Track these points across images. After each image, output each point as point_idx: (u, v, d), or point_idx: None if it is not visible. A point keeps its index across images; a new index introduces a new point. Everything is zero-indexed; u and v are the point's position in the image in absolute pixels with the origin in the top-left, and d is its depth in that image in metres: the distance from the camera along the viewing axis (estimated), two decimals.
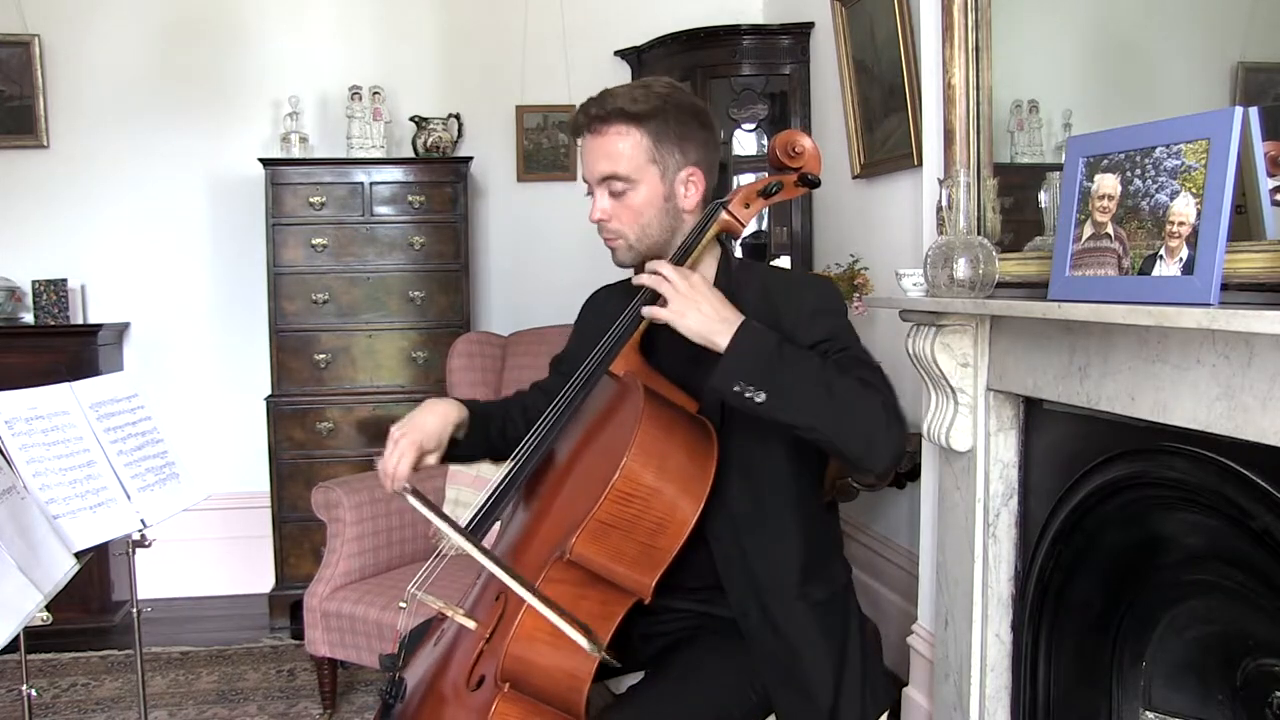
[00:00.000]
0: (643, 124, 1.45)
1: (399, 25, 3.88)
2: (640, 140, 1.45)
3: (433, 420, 1.52)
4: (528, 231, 3.96)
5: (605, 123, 1.45)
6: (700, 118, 1.50)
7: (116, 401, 2.00)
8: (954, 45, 2.05)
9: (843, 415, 1.30)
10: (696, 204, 1.51)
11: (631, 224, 1.48)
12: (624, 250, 1.51)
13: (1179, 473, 1.49)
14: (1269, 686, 1.43)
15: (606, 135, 1.46)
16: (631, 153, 1.45)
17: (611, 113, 1.45)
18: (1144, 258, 1.41)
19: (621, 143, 1.45)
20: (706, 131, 1.51)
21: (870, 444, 1.31)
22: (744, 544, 1.44)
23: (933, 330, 1.99)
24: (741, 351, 1.30)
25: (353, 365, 3.52)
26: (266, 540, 3.55)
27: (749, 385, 1.28)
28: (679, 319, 1.34)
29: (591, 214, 1.50)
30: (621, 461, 1.28)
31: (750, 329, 1.32)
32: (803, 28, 3.58)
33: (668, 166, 1.47)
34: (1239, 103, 1.42)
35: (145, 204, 3.77)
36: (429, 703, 1.41)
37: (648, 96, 1.46)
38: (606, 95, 1.47)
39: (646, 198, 1.47)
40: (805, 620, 1.44)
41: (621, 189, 1.46)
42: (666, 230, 1.50)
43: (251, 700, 2.89)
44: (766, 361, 1.29)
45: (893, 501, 3.04)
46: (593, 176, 1.49)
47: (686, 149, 1.48)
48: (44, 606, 1.57)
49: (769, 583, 1.44)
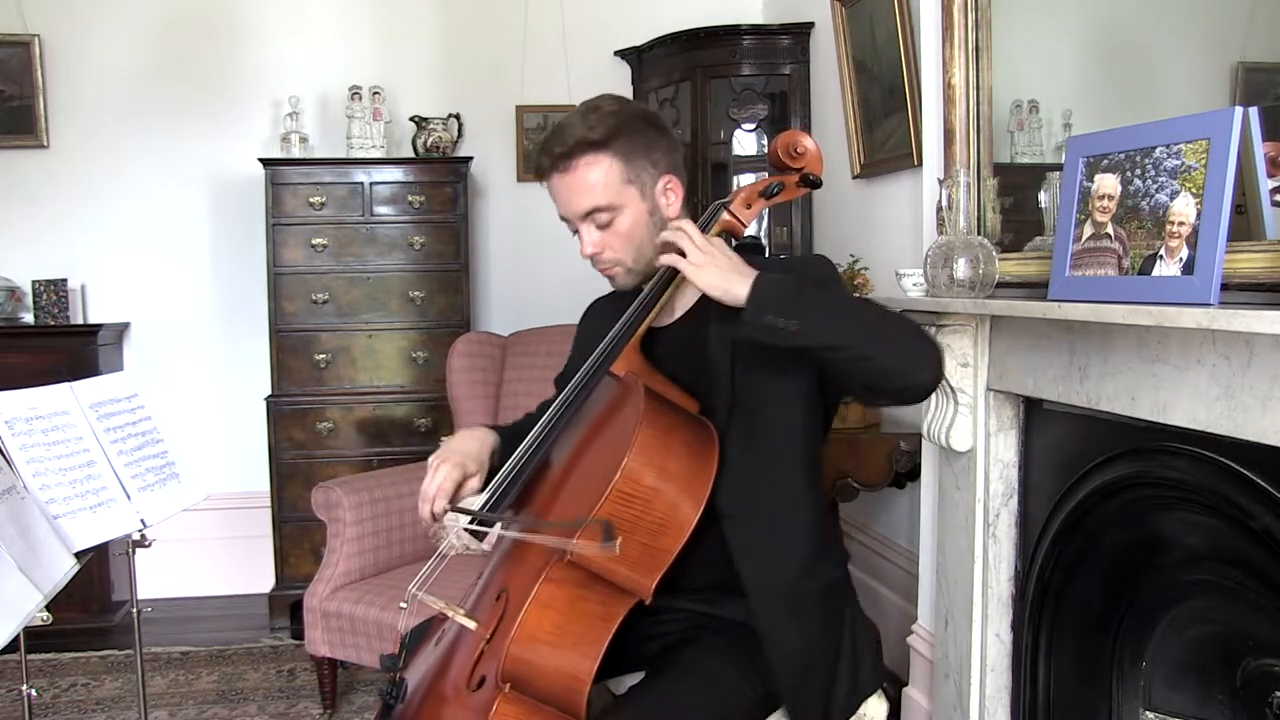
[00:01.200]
0: (609, 148, 1.42)
1: (399, 25, 3.88)
2: (612, 165, 1.43)
3: (473, 444, 1.53)
4: (528, 231, 3.96)
5: (570, 158, 1.42)
6: (656, 123, 1.50)
7: (116, 401, 2.00)
8: (954, 45, 2.05)
9: (879, 331, 1.32)
10: (680, 209, 1.51)
11: (625, 249, 1.47)
12: (624, 275, 1.50)
13: (1179, 473, 1.49)
14: (1269, 686, 1.43)
15: (576, 170, 1.43)
16: (607, 180, 1.43)
17: (575, 146, 1.42)
18: (1144, 258, 1.41)
19: (594, 173, 1.43)
20: (666, 135, 1.50)
21: (909, 357, 1.32)
22: (752, 541, 1.44)
23: (933, 330, 2.00)
24: (766, 290, 1.30)
25: (353, 365, 3.52)
26: (266, 540, 3.55)
27: (779, 315, 1.27)
28: (697, 271, 1.34)
29: (583, 250, 1.48)
30: (622, 462, 1.28)
31: (769, 276, 1.32)
32: (803, 28, 3.58)
33: (645, 183, 1.46)
34: (1239, 103, 1.42)
35: (145, 204, 3.77)
36: (429, 703, 1.41)
37: (601, 119, 1.43)
38: (563, 130, 1.44)
39: (633, 220, 1.46)
40: (811, 610, 1.45)
41: (607, 219, 1.45)
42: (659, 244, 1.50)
43: (251, 700, 2.89)
44: (794, 294, 1.30)
45: (893, 501, 3.04)
46: (574, 214, 1.46)
47: (656, 159, 1.47)
48: (44, 606, 1.57)
49: (780, 577, 1.44)
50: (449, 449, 1.51)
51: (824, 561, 1.51)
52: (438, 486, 1.45)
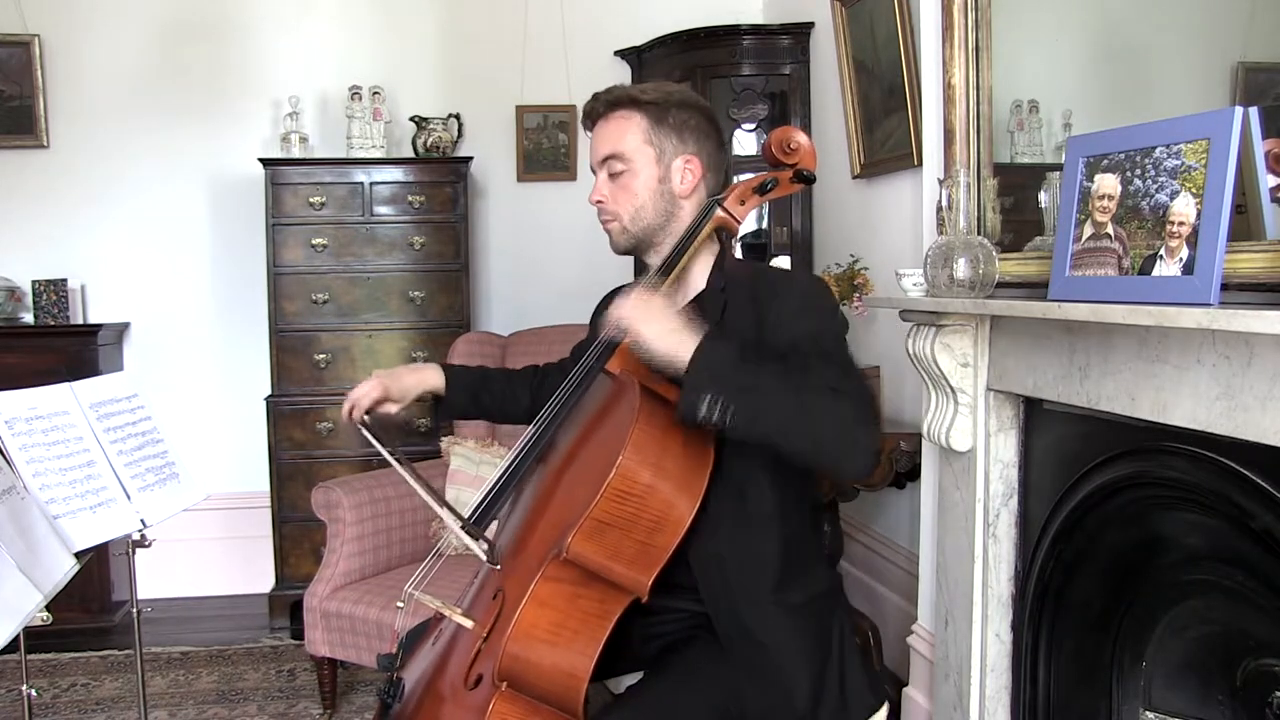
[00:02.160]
0: (643, 109, 1.52)
1: (399, 25, 3.88)
2: (640, 122, 1.52)
3: (410, 378, 1.73)
4: (528, 231, 3.96)
5: (611, 108, 1.54)
6: (705, 114, 1.56)
7: (116, 401, 2.00)
8: (954, 45, 2.05)
9: (812, 426, 1.27)
10: (693, 190, 1.54)
11: (626, 205, 1.52)
12: (618, 232, 1.55)
13: (1179, 473, 1.49)
14: (1269, 686, 1.43)
15: (611, 120, 1.54)
16: (630, 132, 1.51)
17: (619, 99, 1.53)
18: (1144, 258, 1.41)
19: (622, 124, 1.52)
20: (709, 125, 1.56)
21: (842, 454, 1.29)
22: (721, 547, 1.42)
23: (933, 330, 1.99)
24: (705, 364, 1.27)
25: (353, 365, 3.51)
26: (266, 540, 3.55)
27: (716, 398, 1.25)
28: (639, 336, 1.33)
29: (592, 195, 1.56)
30: (617, 459, 1.28)
31: (713, 340, 1.30)
32: (803, 28, 3.58)
33: (664, 150, 1.52)
34: (1239, 103, 1.42)
35: (145, 204, 3.77)
36: (427, 702, 1.41)
37: (657, 89, 1.54)
38: (618, 86, 1.58)
39: (643, 180, 1.52)
40: (779, 624, 1.42)
41: (620, 169, 1.52)
42: (661, 214, 1.53)
43: (251, 700, 2.89)
44: (731, 369, 1.27)
45: (893, 501, 3.04)
46: (595, 159, 1.56)
47: (685, 138, 1.53)
48: (44, 606, 1.57)
49: (743, 586, 1.42)
50: (390, 372, 1.71)
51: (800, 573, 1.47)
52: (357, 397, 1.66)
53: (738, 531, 1.43)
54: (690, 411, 1.26)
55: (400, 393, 1.70)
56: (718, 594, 1.44)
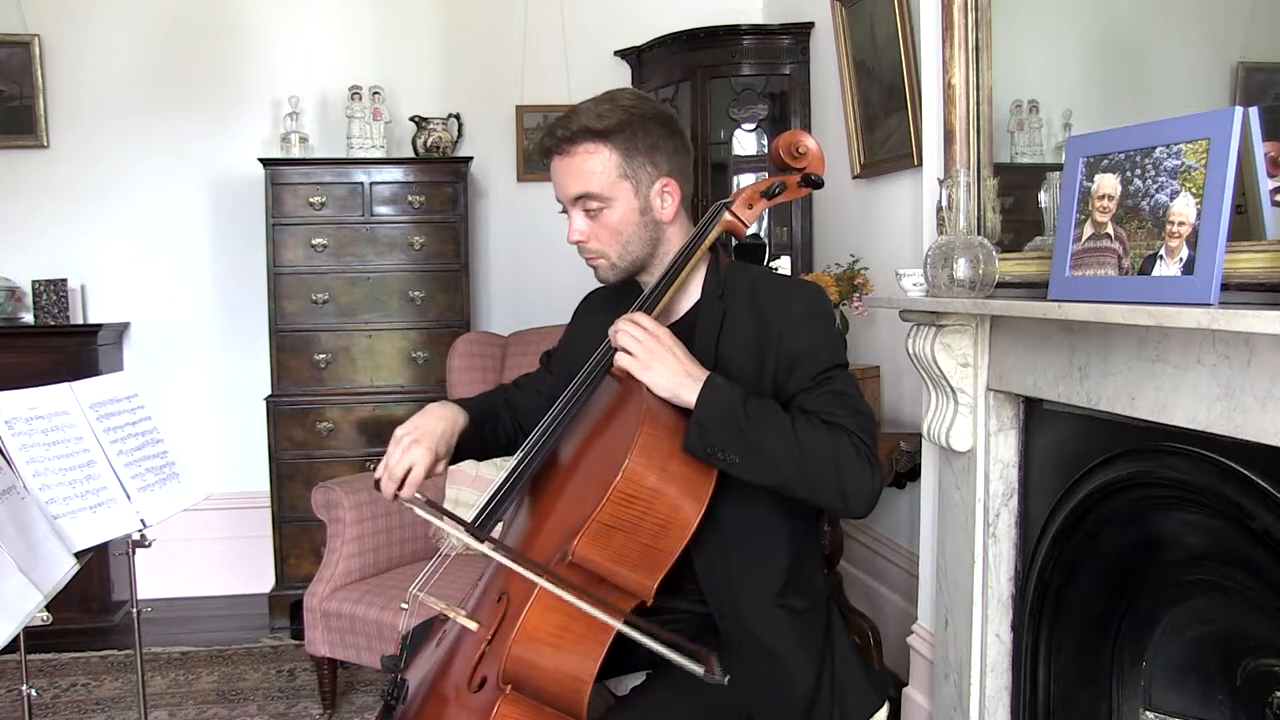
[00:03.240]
0: (610, 140, 1.42)
1: (399, 25, 3.88)
2: (610, 157, 1.43)
3: (442, 425, 1.48)
4: (528, 231, 3.96)
5: (572, 143, 1.43)
6: (668, 125, 1.48)
7: (116, 401, 2.00)
8: (954, 45, 2.05)
9: (813, 479, 1.31)
10: (674, 213, 1.50)
11: (611, 242, 1.47)
12: (607, 269, 1.51)
13: (1179, 473, 1.49)
14: (1269, 686, 1.43)
15: (575, 155, 1.43)
16: (602, 170, 1.43)
17: (578, 132, 1.42)
18: (1144, 258, 1.41)
19: (590, 161, 1.43)
20: (676, 139, 1.49)
21: (844, 498, 1.32)
22: (728, 551, 1.43)
23: (933, 330, 2.00)
24: (709, 412, 1.30)
25: (353, 365, 3.52)
26: (266, 540, 3.55)
27: (720, 448, 1.29)
28: (644, 372, 1.34)
29: (569, 235, 1.48)
30: (623, 463, 1.28)
31: (715, 386, 1.32)
32: (803, 28, 3.58)
33: (640, 180, 1.45)
34: (1239, 103, 1.42)
35: (145, 204, 3.77)
36: (431, 704, 1.41)
37: (613, 111, 1.43)
38: (572, 114, 1.44)
39: (623, 214, 1.46)
40: (783, 627, 1.43)
41: (596, 208, 1.45)
42: (648, 244, 1.49)
43: (251, 700, 2.89)
44: (735, 422, 1.30)
45: (893, 501, 3.04)
46: (565, 197, 1.47)
47: (658, 160, 1.46)
48: (44, 606, 1.57)
49: (748, 589, 1.43)
50: (420, 428, 1.45)
51: (804, 579, 1.48)
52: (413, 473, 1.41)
53: (743, 535, 1.43)
54: (697, 449, 1.30)
55: (446, 448, 1.48)
56: (722, 597, 1.44)
